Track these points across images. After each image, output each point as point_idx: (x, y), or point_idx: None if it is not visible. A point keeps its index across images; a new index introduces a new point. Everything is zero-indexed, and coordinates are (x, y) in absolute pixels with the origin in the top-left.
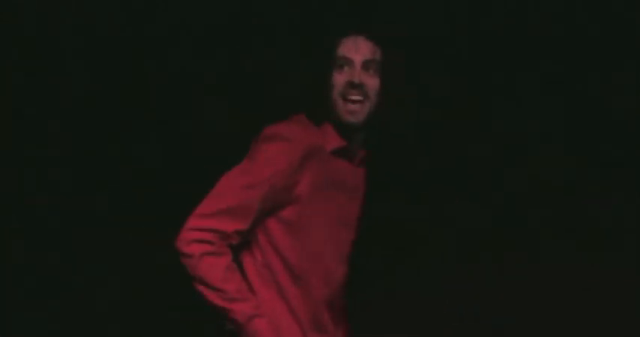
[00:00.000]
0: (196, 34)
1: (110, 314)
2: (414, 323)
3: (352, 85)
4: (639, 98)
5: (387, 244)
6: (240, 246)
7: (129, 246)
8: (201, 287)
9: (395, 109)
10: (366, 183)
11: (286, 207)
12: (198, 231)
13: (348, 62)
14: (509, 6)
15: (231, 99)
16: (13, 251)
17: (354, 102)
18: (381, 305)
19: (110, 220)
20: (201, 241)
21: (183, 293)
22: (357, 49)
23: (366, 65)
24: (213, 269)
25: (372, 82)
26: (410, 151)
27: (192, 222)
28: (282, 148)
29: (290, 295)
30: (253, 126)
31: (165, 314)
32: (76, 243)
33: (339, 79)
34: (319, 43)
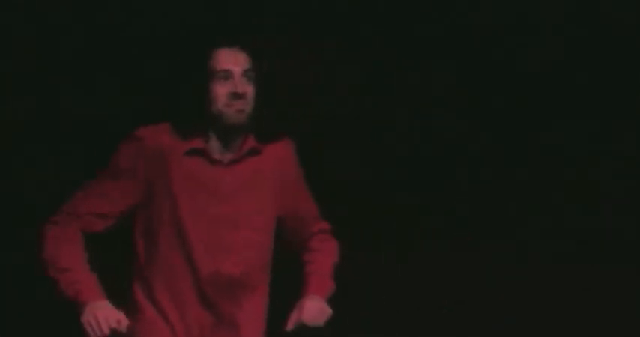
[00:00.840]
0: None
1: None
2: (413, 324)
3: (236, 96)
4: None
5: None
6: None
7: (128, 246)
8: (42, 264)
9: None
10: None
11: (143, 200)
12: (55, 215)
13: (229, 74)
14: None
15: None
16: (13, 251)
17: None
18: (380, 306)
19: None
20: (51, 222)
21: None
22: (236, 61)
23: (244, 75)
24: (48, 243)
25: (250, 90)
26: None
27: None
28: (131, 145)
29: (147, 274)
30: None
31: None
32: None
33: (222, 90)
34: (194, 57)
